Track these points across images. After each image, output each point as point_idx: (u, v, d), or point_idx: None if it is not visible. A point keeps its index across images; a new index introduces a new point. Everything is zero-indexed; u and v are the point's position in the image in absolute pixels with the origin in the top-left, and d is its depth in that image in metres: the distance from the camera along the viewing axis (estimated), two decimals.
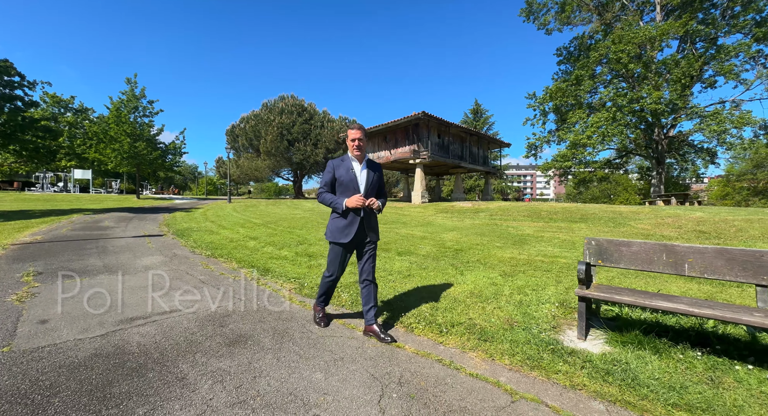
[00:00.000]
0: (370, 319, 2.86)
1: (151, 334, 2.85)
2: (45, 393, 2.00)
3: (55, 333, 2.82)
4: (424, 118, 16.98)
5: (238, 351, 2.59)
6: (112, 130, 24.12)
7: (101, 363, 2.35)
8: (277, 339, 2.83)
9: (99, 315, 3.26)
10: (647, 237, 7.01)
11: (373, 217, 2.92)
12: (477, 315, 3.28)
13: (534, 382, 2.22)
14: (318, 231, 9.19)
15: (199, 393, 2.04)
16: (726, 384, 2.09)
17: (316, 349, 2.66)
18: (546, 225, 9.05)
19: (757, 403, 1.92)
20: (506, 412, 1.91)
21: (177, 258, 6.09)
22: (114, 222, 11.36)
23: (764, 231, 6.43)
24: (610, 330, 2.75)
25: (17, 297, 3.68)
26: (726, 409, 1.87)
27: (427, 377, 2.27)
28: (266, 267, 5.33)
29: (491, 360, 2.52)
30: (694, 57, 23.21)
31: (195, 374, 2.25)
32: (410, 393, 2.08)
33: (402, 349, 2.68)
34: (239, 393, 2.05)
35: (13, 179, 42.73)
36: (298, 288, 4.27)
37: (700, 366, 2.27)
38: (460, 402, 2.00)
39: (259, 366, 2.37)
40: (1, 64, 13.23)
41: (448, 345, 2.75)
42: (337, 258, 2.86)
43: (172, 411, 1.87)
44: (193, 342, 2.72)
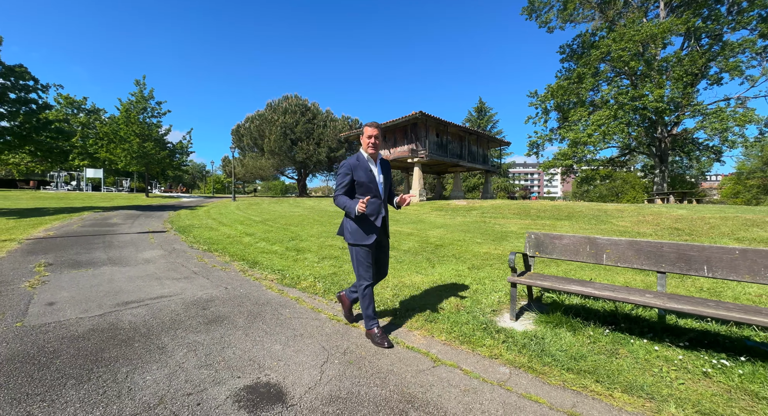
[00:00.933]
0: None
1: (141, 315, 3.29)
2: (49, 356, 2.44)
3: (60, 313, 3.27)
4: (422, 117, 17.28)
5: (213, 328, 3.01)
6: (122, 130, 24.92)
7: (96, 336, 2.79)
8: (250, 319, 3.24)
9: (99, 299, 3.72)
10: (623, 234, 7.27)
11: (387, 218, 2.89)
12: (432, 301, 3.65)
13: (459, 353, 2.59)
14: (312, 228, 9.62)
15: (174, 358, 2.47)
16: (620, 354, 2.44)
17: (282, 328, 3.06)
18: (532, 223, 9.33)
19: (636, 368, 2.26)
20: (425, 374, 2.29)
21: (175, 252, 6.56)
22: (121, 219, 11.96)
23: (734, 229, 6.63)
24: (540, 313, 3.10)
25: (29, 284, 4.17)
26: (608, 372, 2.22)
27: (369, 349, 2.66)
28: (255, 260, 5.76)
29: (431, 336, 2.89)
30: (698, 54, 23.04)
31: (173, 344, 2.68)
32: (350, 360, 2.47)
33: (356, 328, 3.07)
34: (207, 359, 2.46)
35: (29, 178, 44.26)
36: (280, 279, 4.69)
37: (604, 340, 2.61)
38: (389, 366, 2.38)
39: (229, 340, 2.79)
40: (17, 70, 13.94)
41: (399, 326, 3.12)
42: (367, 260, 2.70)
43: (150, 370, 2.29)
44: (177, 321, 3.15)
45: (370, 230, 2.69)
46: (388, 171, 2.88)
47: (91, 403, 1.91)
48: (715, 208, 10.45)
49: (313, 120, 29.48)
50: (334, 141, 28.35)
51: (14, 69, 13.87)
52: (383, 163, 2.86)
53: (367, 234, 2.68)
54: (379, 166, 2.80)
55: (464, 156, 21.08)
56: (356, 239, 2.68)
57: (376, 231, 2.71)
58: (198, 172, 74.84)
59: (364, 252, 2.69)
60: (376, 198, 2.72)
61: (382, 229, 2.80)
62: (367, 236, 2.68)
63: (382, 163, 2.86)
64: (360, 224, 2.69)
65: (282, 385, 2.14)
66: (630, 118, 22.71)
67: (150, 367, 2.32)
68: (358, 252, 2.70)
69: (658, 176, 25.92)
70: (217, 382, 2.16)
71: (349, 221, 2.75)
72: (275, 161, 28.31)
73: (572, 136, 23.23)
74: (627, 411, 1.91)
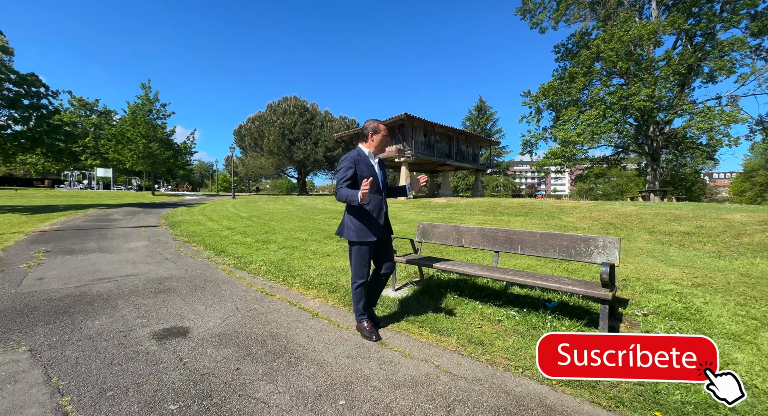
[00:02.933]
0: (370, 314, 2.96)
1: (108, 287, 4.16)
2: (31, 310, 3.31)
3: (46, 285, 4.17)
4: (407, 119, 18.01)
5: (160, 296, 3.85)
6: (129, 131, 26.19)
7: (68, 299, 3.67)
8: (191, 290, 4.08)
9: (79, 276, 4.62)
10: (565, 228, 7.93)
11: (387, 212, 2.92)
12: (338, 278, 4.43)
13: (339, 312, 3.38)
14: (290, 224, 10.47)
15: (120, 312, 3.31)
16: (454, 311, 3.20)
17: (214, 296, 3.89)
18: (491, 218, 10.01)
19: (456, 319, 3.02)
20: (299, 322, 3.09)
21: (159, 243, 7.48)
22: (122, 215, 13.02)
23: (656, 224, 7.22)
24: (417, 285, 3.87)
25: (27, 266, 5.10)
26: (433, 321, 2.98)
27: (270, 308, 3.47)
28: (223, 249, 6.63)
29: (325, 301, 3.69)
30: (689, 53, 23.19)
31: (124, 305, 3.53)
32: (251, 315, 3.29)
33: (271, 297, 3.89)
34: (145, 313, 3.30)
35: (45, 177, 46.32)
36: (235, 263, 5.53)
37: (451, 302, 3.37)
38: (277, 318, 3.19)
39: (168, 303, 3.63)
40: (30, 78, 15.13)
41: (307, 295, 3.92)
42: (365, 259, 2.72)
43: (100, 318, 3.14)
44: (134, 291, 4.01)
45: (375, 227, 2.68)
46: (383, 166, 2.92)
47: (52, 335, 2.77)
48: (674, 205, 10.96)
49: (312, 120, 30.44)
50: (331, 141, 29.23)
51: (27, 77, 15.06)
52: (380, 161, 2.89)
53: (372, 231, 2.67)
54: (378, 163, 2.82)
55: (452, 155, 21.71)
56: (361, 237, 2.65)
57: (380, 228, 2.72)
58: (205, 170, 76.79)
59: (365, 251, 2.69)
60: (377, 193, 2.71)
61: (385, 225, 2.80)
62: (372, 233, 2.66)
63: (380, 160, 2.89)
64: (364, 221, 2.67)
65: (189, 328, 2.97)
66: (619, 117, 23.01)
67: (100, 317, 3.18)
68: (360, 250, 2.69)
69: (650, 174, 26.10)
70: (144, 326, 3.00)
71: (351, 219, 2.71)
72: (274, 160, 29.39)
73: (561, 135, 23.64)
74: (421, 341, 2.68)
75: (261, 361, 2.39)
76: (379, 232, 2.72)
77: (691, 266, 4.72)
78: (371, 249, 2.74)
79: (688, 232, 6.41)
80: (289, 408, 1.88)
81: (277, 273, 4.84)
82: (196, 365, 2.32)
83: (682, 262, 4.91)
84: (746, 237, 5.77)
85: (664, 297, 3.32)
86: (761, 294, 3.53)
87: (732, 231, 6.09)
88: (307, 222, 10.65)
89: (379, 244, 2.81)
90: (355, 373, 2.25)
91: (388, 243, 2.91)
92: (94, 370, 2.24)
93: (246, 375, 2.20)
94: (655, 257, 5.23)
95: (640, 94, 21.27)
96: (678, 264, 4.81)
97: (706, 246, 5.65)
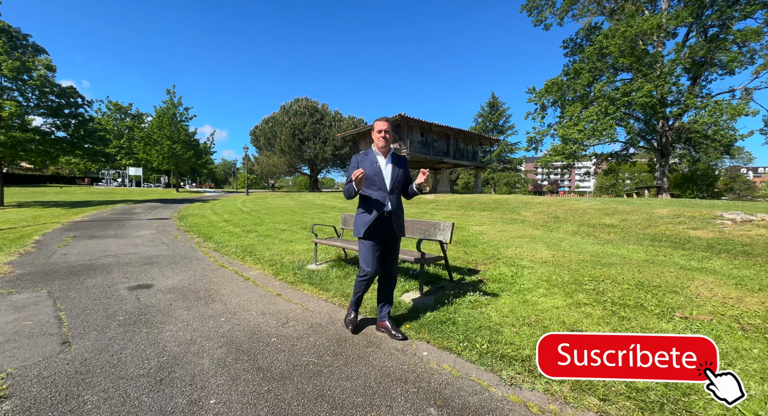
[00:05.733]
0: (383, 317, 2.85)
1: (110, 261, 5.55)
2: (54, 272, 4.71)
3: (67, 258, 5.61)
4: (402, 119, 18.96)
5: (144, 267, 5.17)
6: (155, 134, 28.67)
7: (80, 267, 5.06)
8: (169, 264, 5.38)
9: (92, 253, 6.06)
10: (516, 221, 8.72)
11: (400, 213, 2.85)
12: (283, 257, 5.60)
13: (266, 278, 4.55)
14: (282, 217, 11.79)
15: (111, 275, 4.64)
16: (346, 276, 4.28)
17: (183, 267, 5.16)
18: (460, 213, 10.90)
19: (340, 280, 4.11)
20: (232, 283, 4.28)
21: (163, 232, 8.97)
22: (143, 209, 14.87)
23: (592, 217, 7.88)
24: (333, 261, 4.98)
25: (57, 245, 6.64)
26: (327, 281, 4.09)
27: (218, 275, 4.69)
28: (211, 236, 7.99)
29: (262, 271, 4.88)
30: (700, 45, 22.63)
31: (116, 271, 4.87)
32: (201, 278, 4.51)
33: (225, 268, 5.12)
34: (129, 276, 4.61)
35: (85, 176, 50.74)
36: (215, 247, 6.84)
37: (347, 270, 4.46)
38: (218, 280, 4.39)
39: (148, 271, 4.93)
40: (68, 90, 17.33)
41: (252, 268, 5.12)
42: (369, 253, 2.69)
43: (97, 278, 4.47)
44: (128, 263, 5.36)
45: (374, 224, 2.68)
46: (401, 164, 2.83)
47: (63, 285, 4.11)
48: (642, 201, 11.38)
49: (321, 120, 31.92)
50: (340, 140, 30.58)
51: (66, 90, 17.26)
52: (396, 158, 2.82)
53: (371, 227, 2.67)
54: (389, 160, 2.77)
55: (450, 153, 22.43)
56: (359, 233, 2.71)
57: (381, 226, 2.69)
58: (228, 168, 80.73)
59: (368, 246, 2.69)
60: (381, 190, 2.70)
61: (389, 225, 2.73)
62: (371, 229, 2.67)
63: (395, 157, 2.83)
64: (365, 217, 2.70)
65: (153, 284, 4.23)
66: (622, 113, 22.80)
67: (97, 277, 4.52)
68: (363, 244, 2.72)
69: (658, 170, 25.59)
70: (124, 283, 4.30)
71: (358, 216, 2.78)
72: (286, 159, 31.16)
73: (561, 132, 23.74)
74: (308, 294, 3.80)
75: (188, 300, 3.61)
76: (381, 231, 2.70)
77: (564, 249, 5.52)
78: (376, 245, 2.70)
79: (610, 224, 7.09)
80: (189, 321, 3.06)
81: (241, 253, 6.08)
82: (146, 301, 3.57)
83: (565, 247, 5.71)
84: (651, 228, 6.41)
85: (508, 270, 4.25)
86: (578, 268, 4.42)
87: (645, 224, 6.74)
88: (297, 216, 11.93)
89: (384, 243, 2.78)
90: (243, 308, 3.41)
91: (393, 244, 2.82)
92: (82, 301, 3.52)
93: (173, 307, 3.42)
94: (546, 242, 6.05)
95: (642, 89, 21.07)
96: (558, 248, 5.62)
97: (609, 236, 6.36)
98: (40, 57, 16.66)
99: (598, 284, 3.65)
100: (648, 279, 3.86)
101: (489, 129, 48.01)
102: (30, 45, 16.48)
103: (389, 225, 2.73)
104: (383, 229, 2.72)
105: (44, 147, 16.56)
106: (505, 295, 3.46)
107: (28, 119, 16.79)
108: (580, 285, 3.65)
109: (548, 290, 3.54)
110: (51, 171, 57.06)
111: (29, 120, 16.96)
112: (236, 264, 5.38)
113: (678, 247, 5.33)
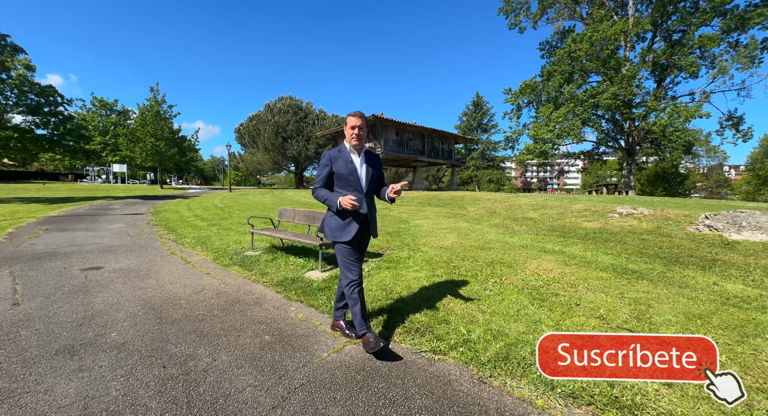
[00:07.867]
0: (338, 316, 2.86)
1: (73, 249, 6.24)
2: (20, 258, 5.39)
3: (35, 247, 6.29)
4: (376, 120, 19.73)
5: (102, 253, 5.88)
6: (139, 131, 28.96)
7: (44, 254, 5.75)
8: (125, 251, 6.09)
9: (58, 243, 6.74)
10: (461, 216, 9.58)
11: (375, 213, 2.76)
12: (232, 245, 6.34)
13: (204, 261, 5.30)
14: (252, 212, 12.48)
15: (70, 260, 5.35)
16: (276, 262, 5.05)
17: (138, 254, 5.88)
18: (416, 208, 11.72)
19: (271, 265, 4.88)
20: (173, 265, 5.03)
21: (133, 225, 9.62)
22: (121, 205, 15.41)
23: (522, 211, 8.79)
24: (267, 249, 5.75)
25: (28, 237, 7.29)
26: (254, 265, 4.85)
27: (165, 260, 5.42)
28: (175, 229, 8.68)
29: (205, 257, 5.62)
30: (663, 50, 23.82)
31: (76, 257, 5.57)
32: (148, 262, 5.24)
33: (174, 255, 5.85)
34: (85, 261, 5.32)
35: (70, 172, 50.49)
36: (175, 239, 7.54)
37: (279, 256, 5.24)
38: (162, 264, 5.13)
39: (104, 257, 5.64)
40: (47, 89, 17.72)
41: (198, 255, 5.86)
42: (347, 257, 2.59)
43: (56, 263, 5.17)
44: (89, 251, 6.06)
45: (350, 227, 2.56)
46: (375, 163, 2.72)
47: (25, 267, 4.81)
48: (585, 197, 12.34)
49: (305, 118, 32.53)
50: (322, 138, 31.21)
51: (45, 89, 17.66)
52: (370, 156, 2.70)
53: (345, 231, 2.56)
54: (363, 158, 2.64)
55: (425, 152, 23.27)
56: (335, 236, 2.58)
57: (354, 230, 2.56)
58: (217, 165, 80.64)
59: (345, 250, 2.58)
60: (357, 191, 2.58)
61: (365, 226, 2.64)
62: (346, 233, 2.55)
63: (369, 155, 2.70)
64: (341, 219, 2.58)
65: (104, 267, 4.96)
66: (590, 114, 23.88)
67: (57, 261, 5.23)
68: (340, 249, 2.61)
69: (625, 169, 26.83)
70: (79, 266, 5.01)
71: (329, 218, 2.65)
72: (270, 157, 31.73)
73: (533, 132, 24.77)
74: (232, 273, 4.57)
75: (128, 278, 4.36)
76: (358, 232, 2.58)
77: (469, 238, 6.36)
78: (354, 247, 2.61)
79: (531, 218, 7.98)
80: (121, 291, 3.81)
81: (195, 243, 6.81)
82: (91, 278, 4.31)
83: (472, 236, 6.53)
84: (558, 221, 7.32)
85: (406, 253, 5.09)
86: (462, 251, 5.31)
87: (556, 217, 7.64)
88: (266, 212, 12.62)
89: (360, 244, 2.68)
90: (171, 282, 4.17)
91: (366, 245, 2.77)
92: (39, 279, 4.25)
93: (113, 282, 4.17)
94: (460, 233, 6.90)
95: (607, 92, 22.16)
96: (465, 237, 6.44)
97: (521, 227, 7.24)
98: (18, 57, 17.02)
99: (462, 262, 4.50)
100: (501, 259, 4.73)
101: (473, 127, 49.05)
102: (8, 45, 16.82)
103: (365, 226, 2.64)
104: (360, 231, 2.59)
105: (23, 144, 16.96)
106: (385, 271, 4.29)
107: (7, 117, 17.16)
108: (449, 263, 4.50)
109: (421, 267, 4.37)
110: (35, 167, 56.63)
111: (8, 118, 17.33)
112: (186, 252, 6.11)
113: (561, 236, 6.22)
